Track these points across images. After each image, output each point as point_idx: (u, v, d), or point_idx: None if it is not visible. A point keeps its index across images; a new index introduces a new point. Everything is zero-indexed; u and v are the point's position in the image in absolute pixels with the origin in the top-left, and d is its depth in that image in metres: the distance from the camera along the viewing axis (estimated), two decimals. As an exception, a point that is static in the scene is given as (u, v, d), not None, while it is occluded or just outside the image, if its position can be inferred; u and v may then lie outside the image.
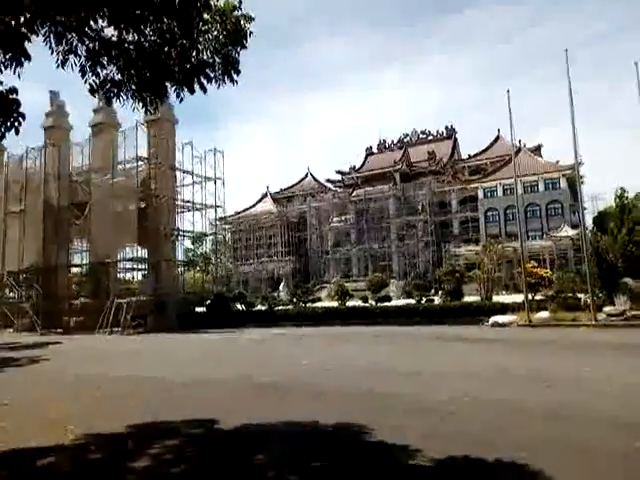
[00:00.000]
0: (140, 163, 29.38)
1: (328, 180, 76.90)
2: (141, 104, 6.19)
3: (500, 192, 61.63)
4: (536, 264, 25.40)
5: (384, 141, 78.42)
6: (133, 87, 5.95)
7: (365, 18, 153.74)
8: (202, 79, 5.80)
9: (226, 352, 16.23)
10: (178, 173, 31.64)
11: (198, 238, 37.11)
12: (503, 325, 20.02)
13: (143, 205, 29.43)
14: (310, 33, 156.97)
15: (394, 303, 24.82)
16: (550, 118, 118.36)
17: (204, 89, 5.81)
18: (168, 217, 30.28)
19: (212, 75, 5.72)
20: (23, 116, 4.66)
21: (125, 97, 6.03)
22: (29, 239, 32.57)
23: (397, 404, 7.22)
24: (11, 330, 31.70)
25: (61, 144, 33.36)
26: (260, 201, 78.01)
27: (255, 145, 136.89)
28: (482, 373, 9.62)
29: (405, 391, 8.15)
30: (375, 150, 78.11)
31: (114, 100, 5.85)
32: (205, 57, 5.69)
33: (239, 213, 73.47)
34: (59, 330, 29.86)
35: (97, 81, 5.53)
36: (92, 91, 5.50)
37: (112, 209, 28.64)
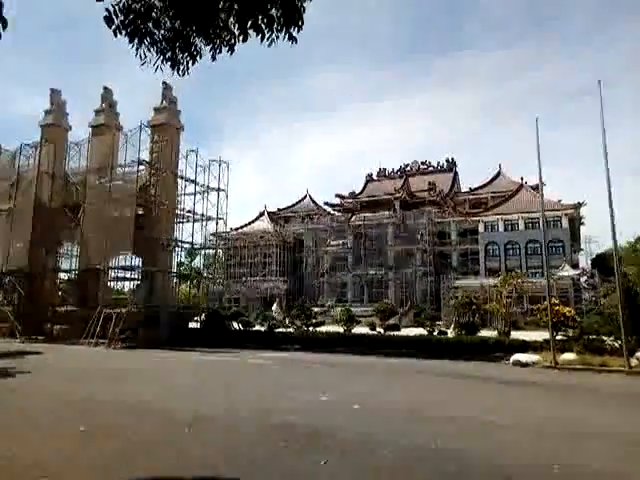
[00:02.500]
0: (141, 168, 27.76)
1: (326, 203, 75.98)
2: (168, 58, 4.66)
3: (501, 227, 60.94)
4: (557, 301, 23.91)
5: (384, 169, 78.21)
6: (167, 26, 4.46)
7: (363, 52, 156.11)
8: (260, 21, 4.30)
9: (230, 379, 14.31)
10: (180, 181, 30.04)
11: (194, 251, 35.25)
12: (526, 365, 18.41)
13: (141, 212, 27.69)
14: (308, 63, 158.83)
15: (404, 333, 23.12)
16: (550, 158, 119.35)
17: (262, 33, 4.29)
18: (167, 226, 28.53)
19: (273, 16, 4.24)
20: (4, 22, 3.18)
21: (151, 44, 4.51)
22: (16, 240, 30.63)
23: (468, 469, 5.57)
24: (-12, 335, 29.48)
25: (58, 142, 31.76)
26: (257, 219, 76.71)
27: (252, 168, 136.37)
28: (544, 427, 8.01)
29: (469, 447, 6.50)
30: (375, 177, 77.76)
31: (136, 44, 4.33)
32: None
33: (235, 230, 71.83)
34: (40, 338, 27.74)
35: (118, 5, 4.03)
36: (109, 20, 3.99)
37: (107, 214, 26.88)
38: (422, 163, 76.43)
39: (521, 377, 15.13)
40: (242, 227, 73.67)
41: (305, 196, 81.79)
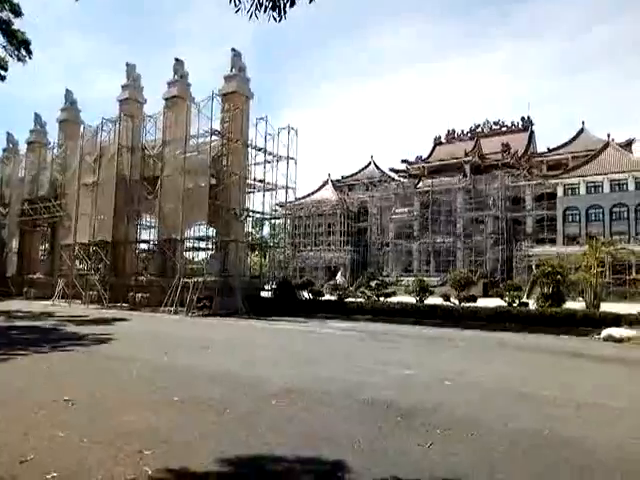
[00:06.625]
0: (213, 138, 28.13)
1: (392, 169, 74.00)
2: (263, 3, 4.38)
3: (583, 190, 56.34)
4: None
5: (453, 131, 74.53)
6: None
7: (427, 7, 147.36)
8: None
9: (309, 349, 14.43)
10: (249, 150, 30.19)
11: (264, 220, 35.74)
12: (620, 340, 17.06)
13: (213, 182, 28.26)
14: (373, 23, 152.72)
15: (481, 304, 22.21)
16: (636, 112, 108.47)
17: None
18: (238, 196, 28.98)
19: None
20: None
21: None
22: (100, 212, 32.47)
23: (597, 460, 5.03)
24: (79, 302, 31.85)
25: (135, 116, 32.91)
26: (321, 188, 76.49)
27: (317, 133, 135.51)
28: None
29: (587, 434, 5.90)
30: (443, 140, 74.50)
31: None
32: None
33: (299, 199, 72.18)
34: (125, 305, 29.58)
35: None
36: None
37: (183, 185, 27.67)
38: (495, 123, 72.15)
39: (618, 354, 14.02)
40: (306, 196, 73.83)
41: (369, 163, 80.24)
